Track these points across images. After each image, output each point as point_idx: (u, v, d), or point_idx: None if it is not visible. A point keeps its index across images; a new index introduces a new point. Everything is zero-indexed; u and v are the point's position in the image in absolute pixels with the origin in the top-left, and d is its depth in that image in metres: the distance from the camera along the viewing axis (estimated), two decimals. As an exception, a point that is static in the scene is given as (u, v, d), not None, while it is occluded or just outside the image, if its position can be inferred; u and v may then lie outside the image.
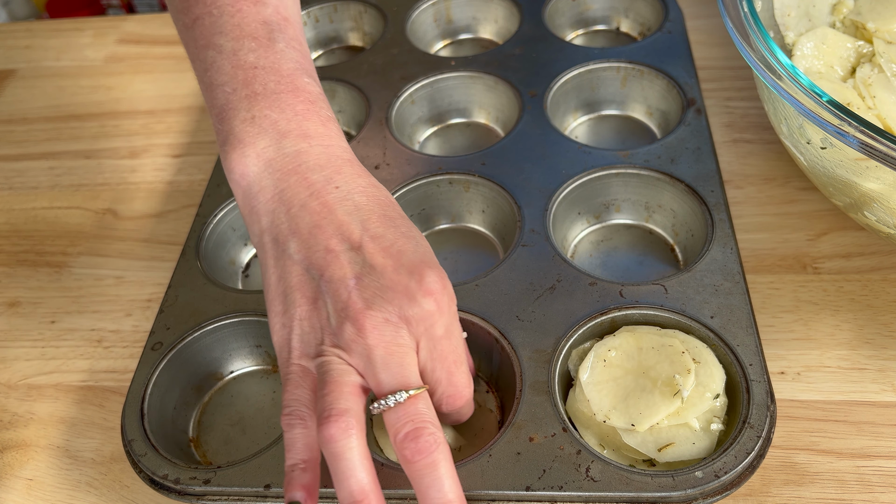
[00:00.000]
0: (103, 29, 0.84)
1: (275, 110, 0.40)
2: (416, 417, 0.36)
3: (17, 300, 0.59)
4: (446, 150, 0.66)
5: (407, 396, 0.36)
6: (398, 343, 0.36)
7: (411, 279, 0.37)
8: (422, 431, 0.35)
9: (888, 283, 0.52)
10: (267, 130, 0.39)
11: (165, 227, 0.63)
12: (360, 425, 0.36)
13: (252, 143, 0.39)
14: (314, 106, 0.41)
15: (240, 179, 0.40)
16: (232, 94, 0.40)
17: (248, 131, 0.39)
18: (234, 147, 0.40)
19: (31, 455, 0.49)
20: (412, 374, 0.37)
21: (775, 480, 0.44)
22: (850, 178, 0.45)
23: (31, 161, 0.70)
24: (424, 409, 0.36)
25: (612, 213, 0.58)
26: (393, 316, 0.36)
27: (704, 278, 0.49)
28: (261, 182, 0.39)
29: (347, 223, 0.38)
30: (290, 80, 0.41)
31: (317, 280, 0.37)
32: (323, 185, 0.39)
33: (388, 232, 0.38)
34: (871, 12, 0.57)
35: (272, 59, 0.41)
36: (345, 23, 0.77)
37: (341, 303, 0.37)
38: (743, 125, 0.64)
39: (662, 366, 0.45)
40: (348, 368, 0.37)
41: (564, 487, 0.40)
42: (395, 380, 0.36)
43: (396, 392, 0.36)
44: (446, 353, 0.38)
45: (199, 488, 0.43)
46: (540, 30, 0.70)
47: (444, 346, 0.38)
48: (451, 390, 0.39)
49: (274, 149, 0.39)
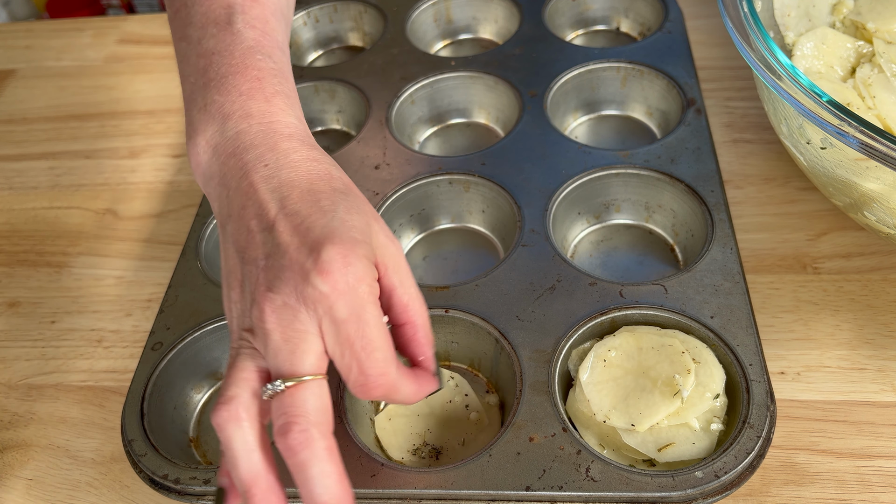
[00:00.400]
0: (103, 29, 0.84)
1: (221, 94, 0.40)
2: (290, 410, 0.34)
3: (17, 300, 0.59)
4: (446, 150, 0.66)
5: (284, 386, 0.34)
6: (295, 328, 0.34)
7: (308, 257, 0.34)
8: (291, 427, 0.33)
9: (888, 283, 0.52)
10: (214, 116, 0.40)
11: (165, 227, 0.63)
12: (249, 412, 0.34)
13: (203, 131, 0.40)
14: (260, 83, 0.40)
15: (196, 169, 0.40)
16: (193, 85, 0.41)
17: (201, 119, 0.40)
18: (190, 137, 0.40)
19: (31, 455, 0.49)
20: (306, 361, 0.34)
21: (775, 480, 0.44)
22: (850, 178, 0.45)
23: (31, 161, 0.70)
24: (304, 400, 0.34)
25: (612, 213, 0.58)
26: (290, 298, 0.34)
27: (704, 278, 0.49)
28: (210, 169, 0.40)
29: (266, 202, 0.37)
30: (240, 60, 0.41)
31: (242, 261, 0.37)
32: (253, 164, 0.38)
33: (305, 208, 0.36)
34: (871, 12, 0.57)
35: (227, 41, 0.41)
36: (345, 23, 0.77)
37: (251, 285, 0.36)
38: (743, 125, 0.64)
39: (662, 366, 0.45)
40: (251, 352, 0.36)
41: (564, 487, 0.40)
42: (285, 366, 0.34)
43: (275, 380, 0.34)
44: (352, 338, 0.34)
45: (199, 488, 0.43)
46: (540, 30, 0.69)
47: (349, 329, 0.34)
48: (361, 379, 0.35)
49: (219, 134, 0.40)
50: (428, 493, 0.41)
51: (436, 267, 0.57)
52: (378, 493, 0.42)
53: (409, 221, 0.58)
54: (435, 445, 0.47)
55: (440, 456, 0.46)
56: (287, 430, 0.33)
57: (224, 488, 0.36)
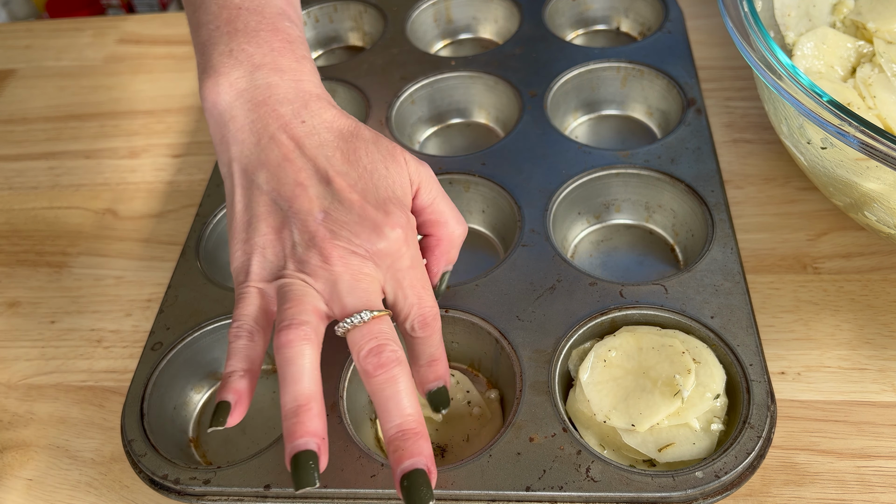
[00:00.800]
0: (103, 29, 0.84)
1: (252, 45, 0.41)
2: (379, 335, 0.37)
3: (17, 300, 0.59)
4: (446, 150, 0.66)
5: (371, 316, 0.37)
6: (364, 272, 0.38)
7: (378, 213, 0.38)
8: (384, 347, 0.37)
9: (888, 283, 0.52)
10: (242, 63, 0.41)
11: (165, 227, 0.63)
12: (318, 340, 0.37)
13: (226, 73, 0.41)
14: (291, 45, 0.43)
15: (212, 108, 0.41)
16: (214, 31, 0.42)
17: (225, 63, 0.41)
18: (209, 76, 0.41)
19: (31, 455, 0.49)
20: (377, 299, 0.38)
21: (775, 480, 0.44)
22: (851, 178, 0.45)
23: (31, 161, 0.70)
24: (388, 329, 0.38)
25: (613, 213, 0.58)
26: (360, 249, 0.37)
27: (704, 278, 0.49)
28: (232, 111, 0.40)
29: (316, 157, 0.39)
30: (271, 21, 0.43)
31: (284, 210, 0.39)
32: (291, 119, 0.40)
33: (352, 169, 0.39)
34: (872, 12, 0.57)
35: (257, 1, 0.43)
36: (345, 23, 0.77)
37: (308, 233, 0.38)
38: (743, 125, 0.64)
39: (662, 366, 0.45)
40: (312, 290, 0.38)
41: (565, 487, 0.40)
42: (360, 302, 0.37)
43: (362, 311, 0.37)
44: (415, 281, 0.39)
45: (199, 488, 0.43)
46: (540, 30, 0.69)
47: (412, 275, 0.39)
48: (422, 311, 0.40)
49: (246, 80, 0.41)
50: (428, 494, 0.41)
51: (436, 267, 0.57)
52: (378, 493, 0.41)
53: (409, 221, 0.58)
54: (439, 443, 0.47)
55: (445, 453, 0.46)
56: (380, 350, 0.37)
57: (228, 402, 0.37)
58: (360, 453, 0.43)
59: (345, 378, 0.46)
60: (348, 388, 0.46)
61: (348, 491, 0.42)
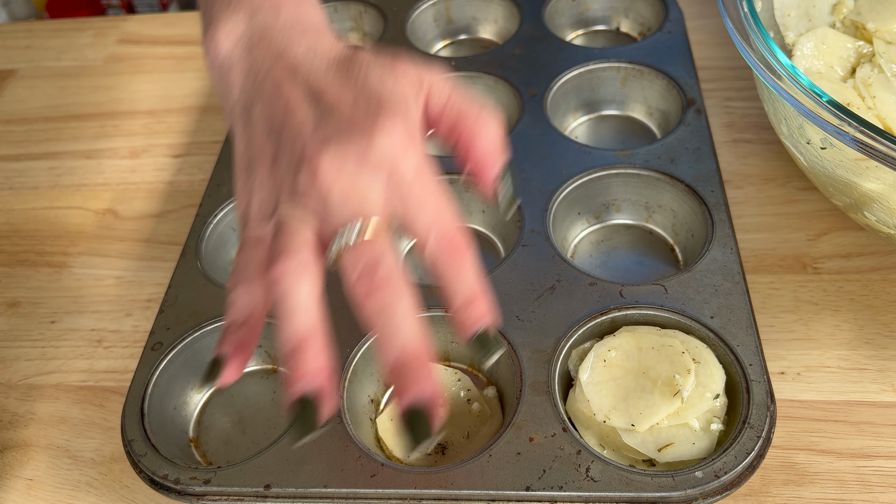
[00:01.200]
0: (103, 29, 0.84)
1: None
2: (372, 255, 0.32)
3: (17, 300, 0.59)
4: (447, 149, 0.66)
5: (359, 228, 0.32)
6: (356, 185, 0.33)
7: (368, 118, 0.33)
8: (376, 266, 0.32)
9: (888, 283, 0.52)
10: (239, 10, 0.40)
11: (165, 227, 0.63)
12: (313, 269, 0.32)
13: (225, 22, 0.40)
14: None
15: (213, 60, 0.40)
16: None
17: (223, 14, 0.40)
18: (208, 31, 0.40)
19: (31, 455, 0.49)
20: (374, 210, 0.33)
21: (775, 480, 0.44)
22: (850, 178, 0.45)
23: (31, 161, 0.70)
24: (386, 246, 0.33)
25: (612, 213, 0.58)
26: (351, 156, 0.33)
27: (704, 278, 0.49)
28: (231, 58, 0.39)
29: (307, 78, 0.36)
30: None
31: (276, 136, 0.36)
32: (286, 48, 0.38)
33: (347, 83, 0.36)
34: (871, 12, 0.57)
35: None
36: (345, 23, 0.77)
37: (297, 151, 0.34)
38: (743, 125, 0.64)
39: (662, 366, 0.45)
40: (303, 217, 0.33)
41: (564, 487, 0.40)
42: (353, 214, 0.33)
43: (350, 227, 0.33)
44: (426, 194, 0.34)
45: (199, 488, 0.43)
46: (540, 30, 0.69)
47: (421, 186, 0.34)
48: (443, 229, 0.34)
49: (245, 24, 0.40)
50: (428, 493, 0.41)
51: (436, 267, 0.57)
52: (378, 493, 0.42)
53: (409, 221, 0.58)
54: (440, 441, 0.47)
55: (445, 451, 0.46)
56: (372, 270, 0.32)
57: (221, 358, 0.34)
58: (360, 453, 0.43)
59: (345, 378, 0.46)
60: (348, 388, 0.46)
61: (348, 491, 0.42)
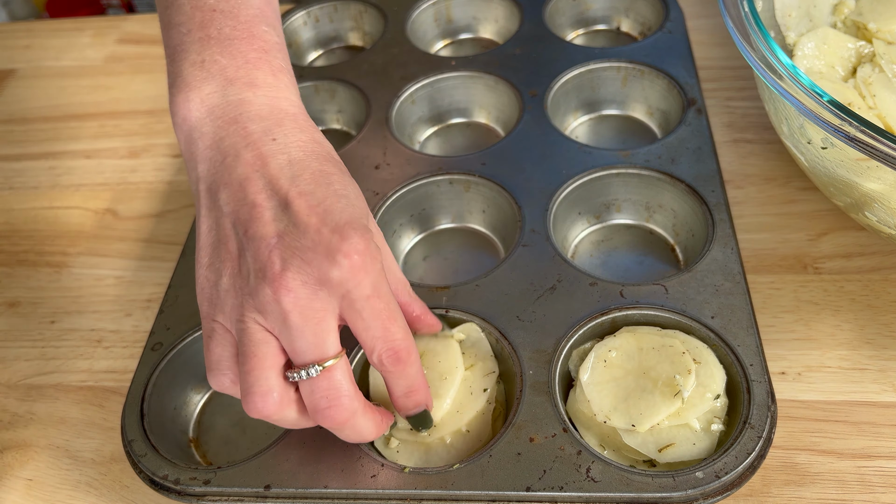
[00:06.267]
0: (103, 29, 0.84)
1: (225, 56, 0.39)
2: (329, 393, 0.37)
3: (17, 300, 0.59)
4: (446, 150, 0.66)
5: (321, 370, 0.36)
6: (313, 308, 0.35)
7: (332, 239, 0.35)
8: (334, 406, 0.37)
9: (889, 283, 0.52)
10: (214, 76, 0.39)
11: (165, 227, 0.62)
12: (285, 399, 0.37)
13: (198, 87, 0.39)
14: (267, 55, 0.40)
15: (182, 123, 0.39)
16: (186, 36, 0.40)
17: (196, 75, 0.39)
18: (179, 90, 0.39)
19: (31, 455, 0.49)
20: (328, 340, 0.36)
21: (776, 481, 0.44)
22: (851, 178, 0.45)
23: (31, 161, 0.70)
24: (339, 379, 0.37)
25: (613, 213, 0.58)
26: (311, 278, 0.35)
27: (705, 278, 0.49)
28: (201, 128, 0.39)
29: (278, 177, 0.37)
30: (246, 26, 0.40)
31: (242, 231, 0.36)
32: (260, 136, 0.38)
33: (319, 189, 0.37)
34: (872, 13, 0.57)
35: (232, 3, 0.41)
36: (345, 23, 0.77)
37: (260, 262, 0.35)
38: (743, 125, 0.64)
39: (663, 366, 0.44)
40: (265, 337, 0.36)
41: (565, 488, 0.40)
42: (310, 348, 0.36)
43: (310, 366, 0.36)
44: (378, 312, 0.37)
45: (199, 489, 0.43)
46: (540, 30, 0.69)
47: (375, 304, 0.37)
48: (390, 344, 0.38)
49: (218, 95, 0.39)
50: (428, 494, 0.41)
51: (436, 267, 0.57)
52: (378, 493, 0.41)
53: (410, 221, 0.58)
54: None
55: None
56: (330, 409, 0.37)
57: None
58: (360, 453, 0.43)
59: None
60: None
61: (348, 491, 0.42)
